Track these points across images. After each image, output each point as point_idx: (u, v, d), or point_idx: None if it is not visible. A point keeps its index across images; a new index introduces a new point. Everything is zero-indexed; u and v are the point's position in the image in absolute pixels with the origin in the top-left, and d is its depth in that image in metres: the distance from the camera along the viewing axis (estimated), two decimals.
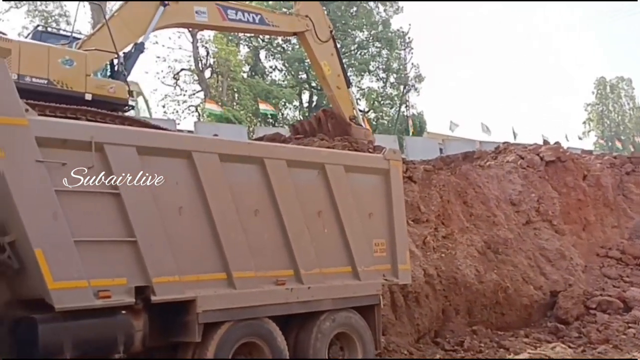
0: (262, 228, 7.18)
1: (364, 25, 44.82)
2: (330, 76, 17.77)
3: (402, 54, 46.14)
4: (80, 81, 12.09)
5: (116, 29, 13.36)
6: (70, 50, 12.68)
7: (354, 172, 8.22)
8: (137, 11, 14.33)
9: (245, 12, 16.13)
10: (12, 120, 5.42)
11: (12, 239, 5.48)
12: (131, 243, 6.03)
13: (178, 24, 16.36)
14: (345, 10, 44.25)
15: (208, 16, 15.31)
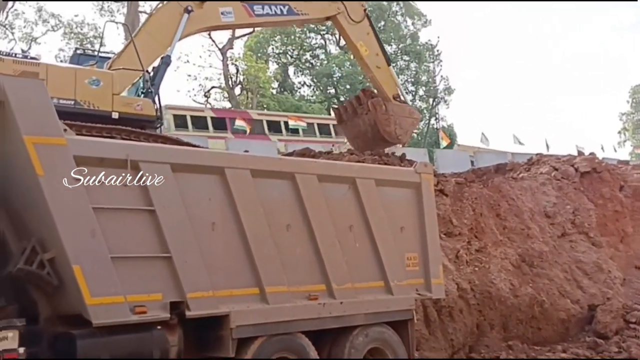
0: (294, 243, 7.21)
1: (392, 39, 44.94)
2: (369, 56, 17.08)
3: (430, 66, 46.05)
4: (107, 100, 12.32)
5: (143, 44, 13.51)
6: (96, 71, 12.97)
7: (385, 185, 8.21)
8: (162, 22, 14.36)
9: (271, 5, 15.65)
10: (51, 140, 5.55)
11: (51, 256, 5.59)
12: (166, 259, 6.11)
13: (205, 29, 16.14)
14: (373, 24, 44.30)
15: (234, 16, 15.09)
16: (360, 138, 17.40)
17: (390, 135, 16.59)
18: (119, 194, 5.95)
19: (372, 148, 16.20)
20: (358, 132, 17.40)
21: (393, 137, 16.71)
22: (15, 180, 5.76)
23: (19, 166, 5.60)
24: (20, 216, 5.86)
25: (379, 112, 16.47)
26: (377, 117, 16.54)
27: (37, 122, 5.55)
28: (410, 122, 16.96)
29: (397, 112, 16.60)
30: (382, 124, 16.45)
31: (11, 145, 5.58)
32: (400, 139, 16.86)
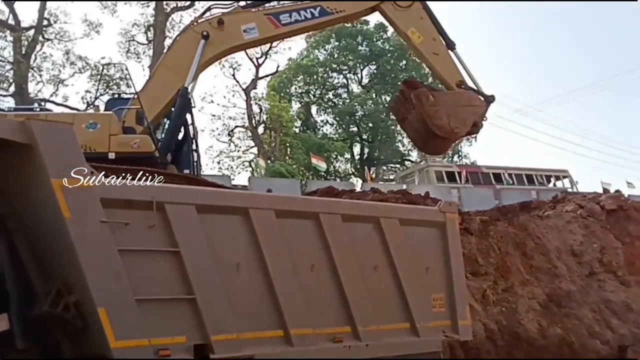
0: (318, 284, 7.15)
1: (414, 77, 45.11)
2: (423, 43, 14.88)
3: None
4: (103, 142, 12.27)
5: (164, 79, 13.40)
6: (94, 114, 13.14)
7: (409, 225, 8.15)
8: (181, 53, 13.86)
9: (299, 10, 14.00)
10: (78, 183, 5.61)
11: (76, 298, 5.59)
12: (190, 301, 6.08)
13: (228, 51, 14.78)
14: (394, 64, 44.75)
15: (258, 30, 13.81)
16: (417, 136, 15.57)
17: (442, 129, 14.12)
18: (145, 235, 5.97)
19: (429, 146, 14.87)
20: (414, 130, 15.35)
21: (447, 131, 14.17)
22: (42, 223, 5.81)
23: (46, 208, 5.65)
24: (46, 258, 5.89)
25: (426, 104, 14.14)
26: (425, 111, 14.29)
27: (65, 164, 5.61)
28: (470, 110, 14.11)
29: (449, 102, 14.17)
30: (431, 117, 14.11)
31: (39, 187, 5.64)
32: (457, 131, 14.21)
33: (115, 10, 35.06)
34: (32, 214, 5.86)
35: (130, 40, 36.15)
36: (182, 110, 13.60)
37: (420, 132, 14.85)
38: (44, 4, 31.99)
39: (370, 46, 44.93)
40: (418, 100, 14.42)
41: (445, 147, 14.80)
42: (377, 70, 45.46)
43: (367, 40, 45.22)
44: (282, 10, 14.00)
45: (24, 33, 31.75)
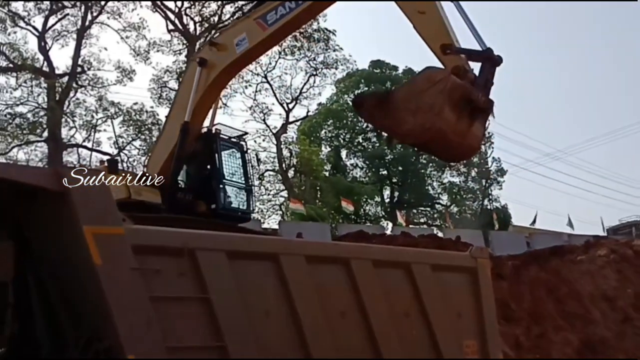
0: (349, 330, 7.04)
1: None
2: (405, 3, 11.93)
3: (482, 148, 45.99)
4: (121, 190, 12.01)
5: (176, 116, 13.10)
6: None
7: (441, 271, 8.04)
8: (184, 89, 13.42)
9: (284, 3, 12.29)
10: (109, 230, 5.66)
11: (106, 345, 5.59)
12: (220, 348, 6.03)
13: (225, 73, 13.15)
14: None
15: (248, 39, 12.51)
16: (426, 151, 13.35)
17: (413, 135, 9.96)
18: (175, 282, 5.97)
19: (444, 155, 11.92)
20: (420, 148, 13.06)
21: (419, 134, 9.81)
22: (73, 269, 5.86)
23: (77, 255, 5.69)
24: (77, 304, 5.93)
25: (378, 120, 10.58)
26: (382, 127, 11.48)
27: (96, 212, 5.67)
28: (434, 91, 9.77)
29: (407, 96, 10.07)
30: (393, 130, 10.51)
31: (71, 234, 5.69)
32: (431, 125, 9.56)
33: (148, 57, 35.91)
34: (63, 260, 5.91)
35: (162, 87, 36.90)
36: (182, 145, 12.97)
37: (422, 147, 12.09)
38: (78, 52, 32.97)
39: None
40: (370, 120, 12.25)
41: (458, 148, 10.25)
42: None
43: (396, 85, 45.48)
44: (269, 9, 12.56)
45: (58, 80, 32.66)
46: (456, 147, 10.03)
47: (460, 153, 10.71)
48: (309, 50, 37.47)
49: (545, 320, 12.90)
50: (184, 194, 13.07)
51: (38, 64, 33.07)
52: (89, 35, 33.90)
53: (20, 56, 32.72)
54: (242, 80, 35.43)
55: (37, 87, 32.93)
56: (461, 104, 9.51)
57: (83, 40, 33.31)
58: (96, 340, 5.57)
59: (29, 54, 33.12)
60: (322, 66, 38.60)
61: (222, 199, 13.50)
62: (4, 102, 32.69)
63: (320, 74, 39.02)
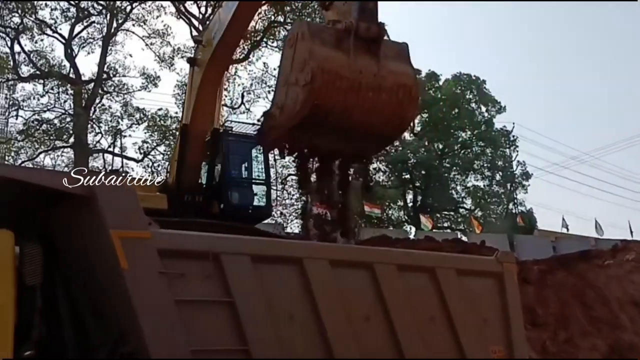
0: (373, 335, 6.98)
1: (466, 125, 44.97)
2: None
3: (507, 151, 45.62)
4: None
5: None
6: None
7: (466, 275, 7.95)
8: (187, 94, 13.46)
9: None
10: (136, 234, 5.71)
11: (132, 349, 5.63)
12: (244, 352, 6.03)
13: (211, 68, 12.34)
14: (447, 112, 44.67)
15: (219, 25, 11.72)
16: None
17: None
18: (200, 285, 5.99)
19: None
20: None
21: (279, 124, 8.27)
22: (100, 273, 5.92)
23: (104, 259, 5.74)
24: (103, 308, 5.98)
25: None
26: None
27: (123, 216, 5.73)
28: (301, 50, 8.02)
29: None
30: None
31: (98, 238, 5.75)
32: (290, 116, 7.98)
33: (173, 63, 36.23)
34: (90, 264, 5.98)
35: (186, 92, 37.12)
36: (183, 148, 12.92)
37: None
38: (104, 59, 33.37)
39: (422, 95, 44.96)
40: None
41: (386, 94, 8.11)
42: (429, 118, 45.45)
43: None
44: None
45: (84, 86, 33.09)
46: (381, 94, 7.92)
47: (398, 100, 8.10)
48: None
49: (572, 325, 12.73)
50: (193, 196, 12.98)
51: (65, 71, 33.54)
52: (114, 42, 34.37)
53: (47, 63, 33.24)
54: (265, 85, 35.52)
55: (64, 93, 33.41)
56: (342, 41, 7.83)
57: (108, 47, 33.74)
58: (122, 344, 5.61)
59: (56, 61, 33.67)
60: None
61: (229, 198, 13.39)
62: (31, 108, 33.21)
63: None
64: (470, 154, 45.60)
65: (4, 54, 32.75)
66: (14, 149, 33.53)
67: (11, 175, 5.68)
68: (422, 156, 43.38)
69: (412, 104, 8.40)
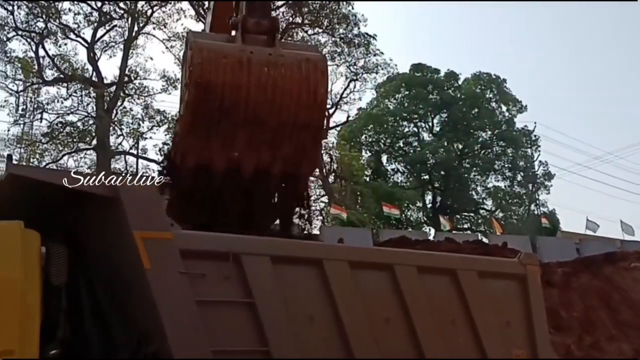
0: (394, 337, 6.97)
1: (486, 125, 44.65)
2: None
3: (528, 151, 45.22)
4: None
5: None
6: None
7: (488, 277, 7.89)
8: None
9: None
10: (158, 235, 5.76)
11: (155, 349, 5.68)
12: (264, 353, 6.06)
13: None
14: (467, 112, 44.42)
15: None
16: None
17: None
18: (221, 286, 6.03)
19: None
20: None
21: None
22: (123, 273, 5.99)
23: (127, 259, 5.81)
24: (126, 308, 6.04)
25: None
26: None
27: (146, 217, 5.79)
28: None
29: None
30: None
31: (121, 239, 5.82)
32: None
33: None
34: (114, 264, 6.04)
35: None
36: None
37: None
38: (125, 62, 33.67)
39: (441, 94, 44.81)
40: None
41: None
42: (449, 118, 45.25)
43: (438, 88, 45.15)
44: None
45: (106, 89, 33.41)
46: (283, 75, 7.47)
47: (302, 74, 7.58)
48: (349, 56, 37.41)
49: (597, 329, 12.56)
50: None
51: (87, 74, 33.87)
52: (135, 45, 34.53)
53: (70, 67, 33.61)
54: None
55: (87, 96, 33.68)
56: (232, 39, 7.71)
57: (130, 50, 33.99)
58: (145, 344, 5.66)
59: (79, 65, 34.00)
60: (363, 71, 38.44)
61: None
62: (55, 111, 33.61)
63: (360, 78, 38.88)
64: (490, 154, 45.28)
65: (29, 58, 33.20)
66: (38, 151, 33.94)
67: (37, 176, 5.76)
68: (441, 156, 43.18)
69: (321, 77, 7.68)
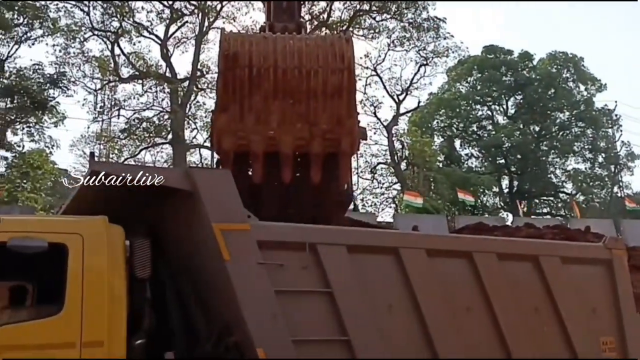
0: (475, 326, 6.83)
1: (564, 105, 43.15)
2: None
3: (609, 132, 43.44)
4: None
5: None
6: None
7: (572, 263, 7.62)
8: None
9: None
10: (236, 226, 5.84)
11: (236, 339, 5.77)
12: (344, 342, 6.05)
13: None
14: (543, 92, 43.03)
15: None
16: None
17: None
18: (299, 276, 6.06)
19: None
20: None
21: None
22: (203, 265, 6.10)
23: (207, 251, 5.91)
24: (208, 299, 6.16)
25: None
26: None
27: (224, 209, 5.87)
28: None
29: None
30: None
31: (201, 231, 5.93)
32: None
33: None
34: (194, 256, 6.16)
35: None
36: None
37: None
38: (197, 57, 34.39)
39: (515, 76, 43.60)
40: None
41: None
42: (524, 100, 43.98)
43: (512, 70, 43.94)
44: None
45: (179, 84, 34.26)
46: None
47: (328, 43, 8.00)
48: (418, 40, 36.90)
49: None
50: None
51: (161, 71, 34.88)
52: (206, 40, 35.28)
53: (145, 64, 34.70)
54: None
55: (161, 92, 34.71)
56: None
57: (201, 45, 34.71)
58: (227, 334, 5.76)
59: (153, 62, 35.09)
60: (433, 55, 37.86)
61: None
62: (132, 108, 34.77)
63: (430, 63, 38.33)
64: (569, 135, 43.79)
65: (106, 57, 34.44)
66: (117, 147, 35.25)
67: (117, 172, 5.95)
68: (517, 140, 42.03)
69: (346, 44, 7.93)
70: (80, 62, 33.86)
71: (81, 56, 33.80)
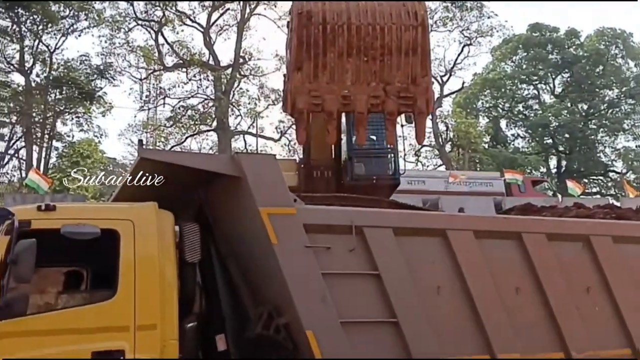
0: (525, 307, 6.77)
1: (613, 83, 41.94)
2: None
3: None
4: None
5: None
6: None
7: (624, 243, 7.47)
8: None
9: None
10: (283, 210, 5.90)
11: (285, 321, 5.85)
12: (393, 324, 6.08)
13: None
14: (590, 70, 41.88)
15: None
16: None
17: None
18: (345, 259, 6.10)
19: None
20: None
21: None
22: (251, 249, 6.19)
23: (255, 236, 5.99)
24: (256, 282, 6.25)
25: None
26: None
27: (271, 194, 5.94)
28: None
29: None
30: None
31: (248, 216, 6.01)
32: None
33: None
34: (242, 240, 6.26)
35: None
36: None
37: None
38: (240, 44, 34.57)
39: (561, 54, 42.51)
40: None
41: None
42: (571, 78, 42.89)
43: (558, 48, 42.84)
44: None
45: (223, 72, 34.54)
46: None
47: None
48: (461, 20, 36.31)
49: None
50: (321, 172, 13.04)
51: (205, 59, 35.18)
52: (248, 27, 35.40)
53: (188, 52, 35.06)
54: None
55: (205, 80, 35.04)
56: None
57: (243, 32, 34.86)
58: (276, 316, 5.84)
59: (196, 50, 35.40)
60: (477, 35, 37.21)
61: (353, 170, 13.32)
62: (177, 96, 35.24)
63: (474, 43, 37.67)
64: (619, 113, 42.57)
65: (150, 47, 34.96)
66: (163, 135, 35.80)
67: (165, 159, 6.06)
68: (565, 119, 41.09)
69: (418, 3, 7.77)
70: (126, 52, 34.46)
71: (126, 46, 34.40)
